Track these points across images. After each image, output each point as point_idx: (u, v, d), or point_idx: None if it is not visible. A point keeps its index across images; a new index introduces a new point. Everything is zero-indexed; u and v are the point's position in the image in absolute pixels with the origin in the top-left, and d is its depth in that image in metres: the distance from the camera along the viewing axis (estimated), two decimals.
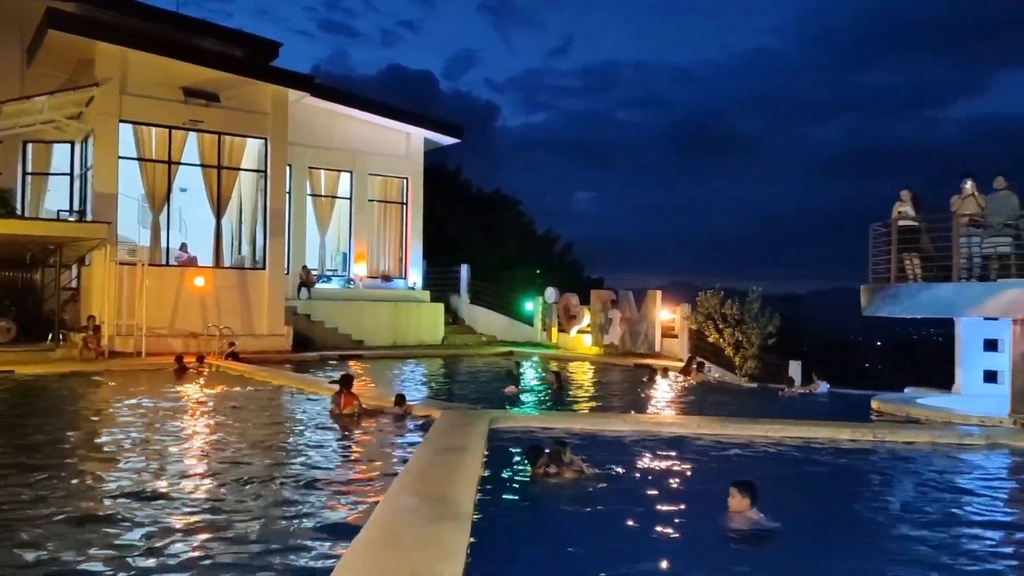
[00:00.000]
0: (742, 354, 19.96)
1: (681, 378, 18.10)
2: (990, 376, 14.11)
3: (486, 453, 8.56)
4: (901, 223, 13.87)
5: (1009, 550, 6.42)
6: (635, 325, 22.97)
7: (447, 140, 28.08)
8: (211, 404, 13.05)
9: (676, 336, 22.19)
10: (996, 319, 13.24)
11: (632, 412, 12.95)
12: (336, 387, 14.18)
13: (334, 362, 20.00)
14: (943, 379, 15.34)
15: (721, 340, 20.43)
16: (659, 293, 22.83)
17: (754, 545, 6.26)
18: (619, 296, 23.81)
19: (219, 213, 21.72)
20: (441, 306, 26.46)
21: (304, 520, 6.57)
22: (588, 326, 24.37)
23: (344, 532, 6.08)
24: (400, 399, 11.68)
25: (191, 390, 14.56)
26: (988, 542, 6.53)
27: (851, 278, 15.35)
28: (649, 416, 12.60)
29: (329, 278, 25.76)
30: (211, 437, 10.33)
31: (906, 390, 15.35)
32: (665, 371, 18.60)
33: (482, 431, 9.54)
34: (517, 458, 8.74)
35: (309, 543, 5.99)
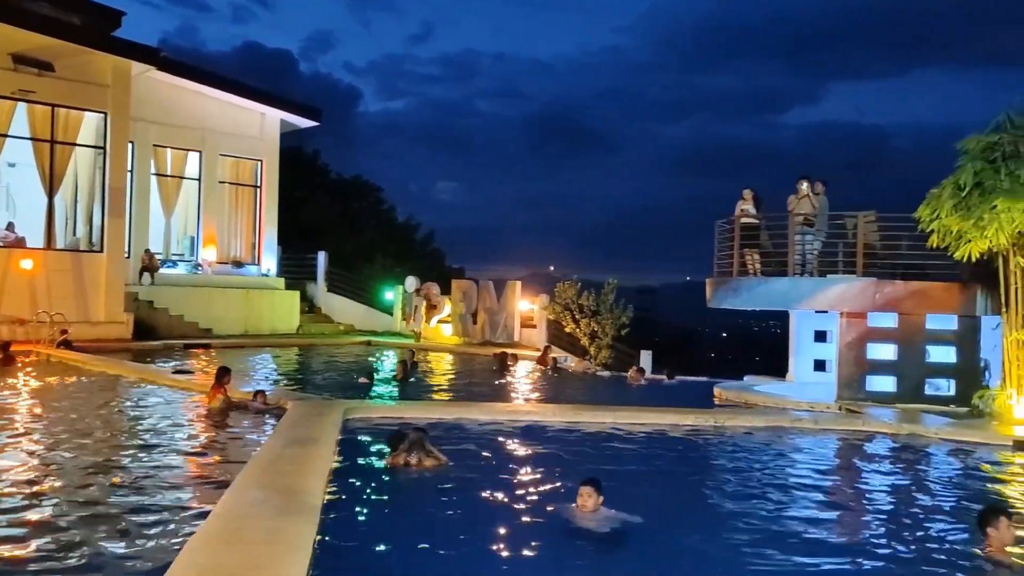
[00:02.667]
0: (597, 344, 20.56)
1: (538, 367, 18.40)
2: (819, 365, 15.16)
3: (339, 444, 8.37)
4: (743, 220, 14.67)
5: (833, 516, 7.10)
6: (495, 315, 23.18)
7: (305, 123, 27.24)
8: (40, 396, 12.10)
9: (535, 326, 22.57)
10: (825, 312, 14.24)
11: (489, 401, 13.04)
12: (184, 377, 13.60)
13: (179, 352, 19.05)
14: (780, 368, 16.34)
15: (577, 330, 20.96)
16: (519, 284, 23.13)
17: (607, 540, 6.17)
18: (479, 286, 23.94)
19: (52, 191, 20.13)
20: (297, 294, 25.70)
21: (141, 516, 6.19)
22: (449, 316, 24.38)
23: (185, 528, 5.78)
24: (258, 394, 11.21)
25: (18, 381, 13.44)
26: (817, 513, 7.10)
27: (700, 272, 16.11)
28: (505, 404, 12.72)
29: (175, 263, 24.47)
30: (38, 431, 9.56)
31: (745, 378, 16.25)
32: (516, 357, 18.76)
33: (335, 421, 9.33)
34: (371, 449, 8.60)
35: (146, 541, 5.65)
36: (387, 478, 7.62)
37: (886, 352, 13.17)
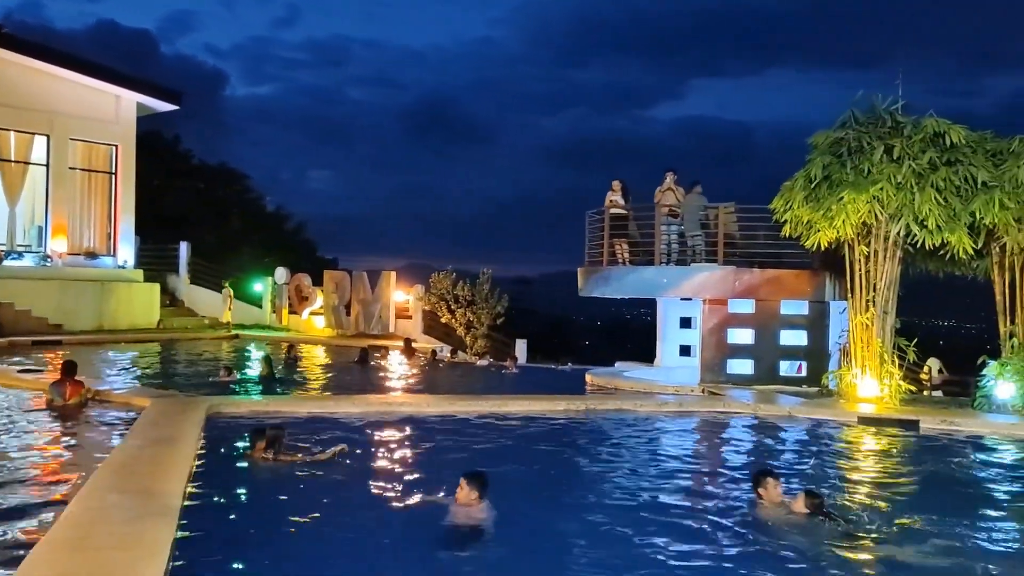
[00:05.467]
0: (472, 333, 20.65)
1: (405, 360, 18.19)
2: (685, 350, 15.74)
3: (201, 442, 8.03)
4: (612, 211, 15.04)
5: (689, 491, 7.55)
6: (369, 306, 22.84)
7: (164, 106, 25.78)
8: None
9: (410, 317, 22.40)
10: (690, 299, 14.81)
11: (362, 393, 12.84)
12: (32, 376, 12.67)
13: (27, 350, 17.77)
14: (650, 354, 16.87)
15: (453, 320, 20.98)
16: (393, 274, 22.88)
17: (474, 538, 6.02)
18: (353, 277, 23.53)
19: None
20: (156, 286, 24.42)
21: None
22: (321, 308, 23.84)
23: (30, 536, 5.38)
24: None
25: None
26: (676, 490, 7.49)
27: (573, 262, 16.40)
28: (378, 396, 12.56)
29: (20, 254, 22.73)
30: None
31: (616, 364, 16.71)
32: (373, 350, 18.63)
33: (198, 419, 8.92)
34: (235, 446, 8.29)
35: None
36: (250, 476, 7.37)
37: (744, 337, 13.84)
